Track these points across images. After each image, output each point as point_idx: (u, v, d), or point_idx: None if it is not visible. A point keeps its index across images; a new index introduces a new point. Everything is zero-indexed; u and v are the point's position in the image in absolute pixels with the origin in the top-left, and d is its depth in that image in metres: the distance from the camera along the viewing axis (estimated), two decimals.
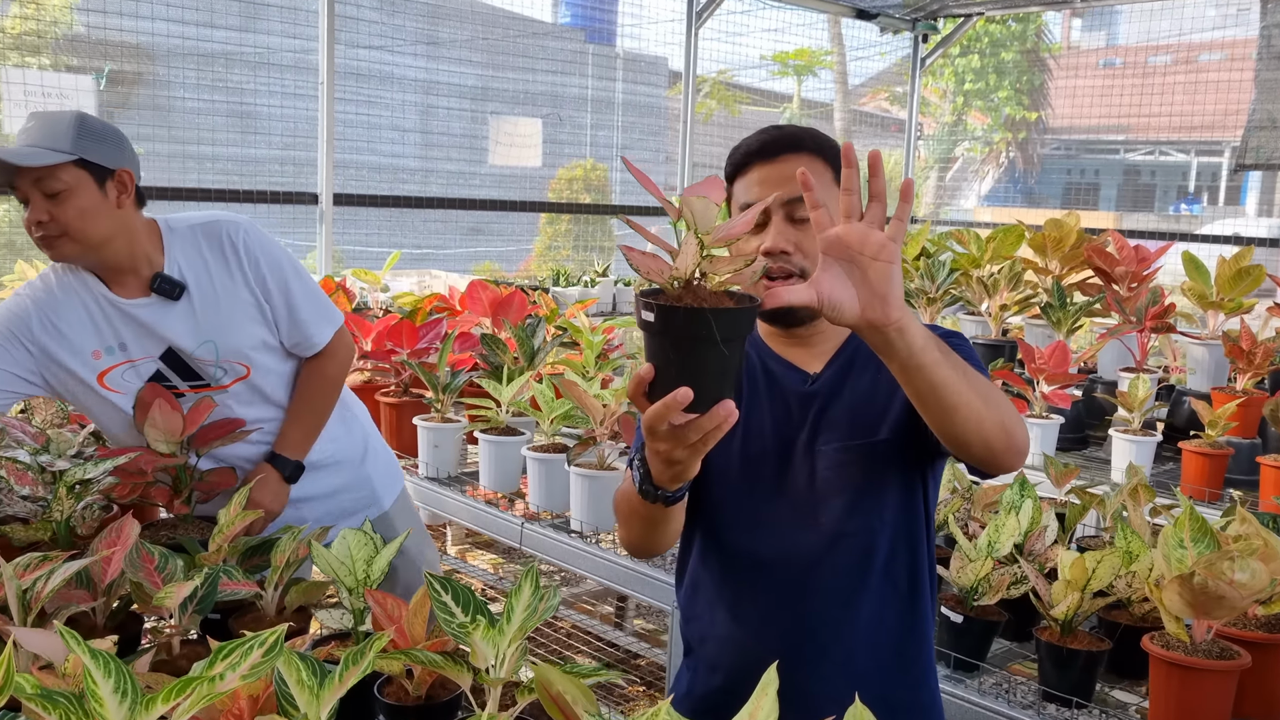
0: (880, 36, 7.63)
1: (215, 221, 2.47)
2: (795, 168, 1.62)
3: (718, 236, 1.28)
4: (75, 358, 2.36)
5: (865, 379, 1.73)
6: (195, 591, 1.78)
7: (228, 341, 2.42)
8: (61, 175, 2.28)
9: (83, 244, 2.31)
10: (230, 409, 2.46)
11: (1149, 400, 3.60)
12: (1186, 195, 21.87)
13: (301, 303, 2.50)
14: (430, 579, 1.61)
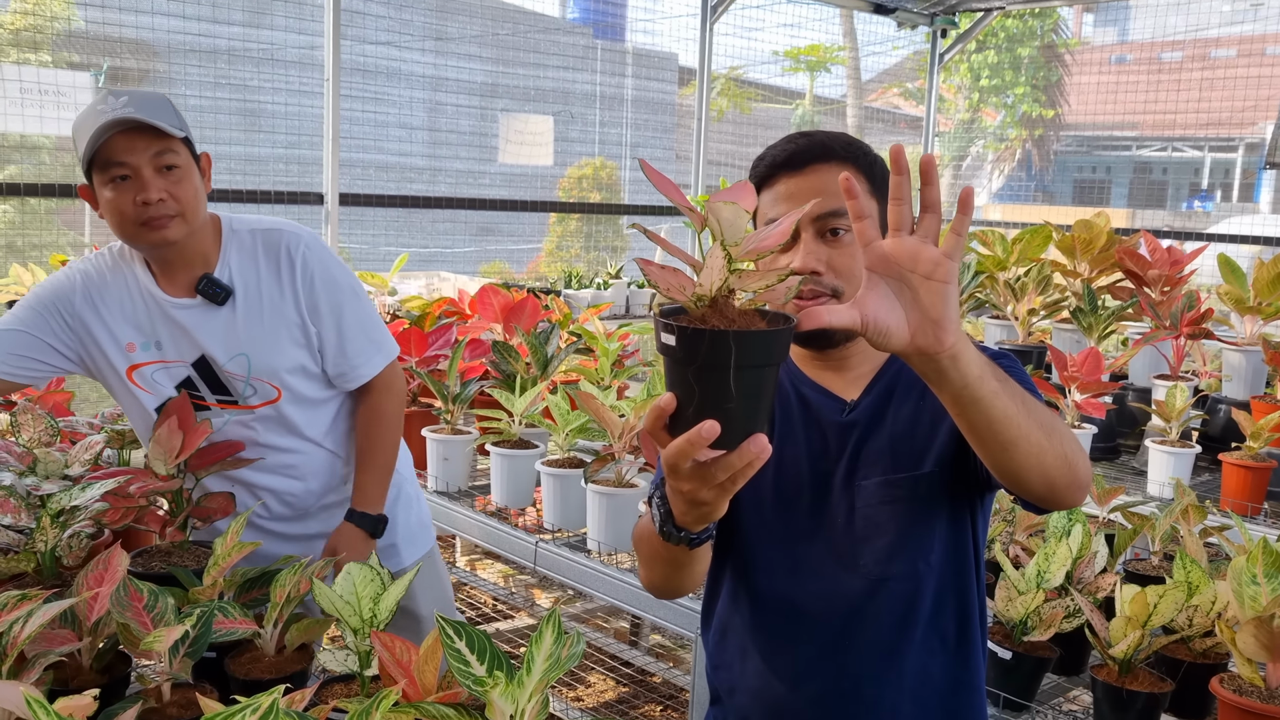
0: (896, 31, 7.47)
1: (277, 230, 2.32)
2: (825, 179, 1.52)
3: (747, 249, 1.12)
4: (111, 343, 2.25)
5: (908, 406, 1.59)
6: (187, 634, 1.64)
7: (262, 359, 2.27)
8: (179, 150, 2.16)
9: (191, 227, 2.18)
10: (256, 433, 2.30)
11: (1188, 410, 3.45)
12: (1199, 192, 21.68)
13: (352, 329, 2.34)
14: (443, 623, 1.48)
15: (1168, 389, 3.52)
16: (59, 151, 5.94)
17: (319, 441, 2.38)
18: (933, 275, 1.14)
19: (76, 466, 2.20)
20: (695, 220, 1.15)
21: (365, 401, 2.42)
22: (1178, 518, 2.44)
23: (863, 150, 1.59)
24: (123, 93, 2.14)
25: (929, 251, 1.14)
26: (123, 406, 2.36)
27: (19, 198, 4.90)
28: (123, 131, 2.09)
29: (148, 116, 2.08)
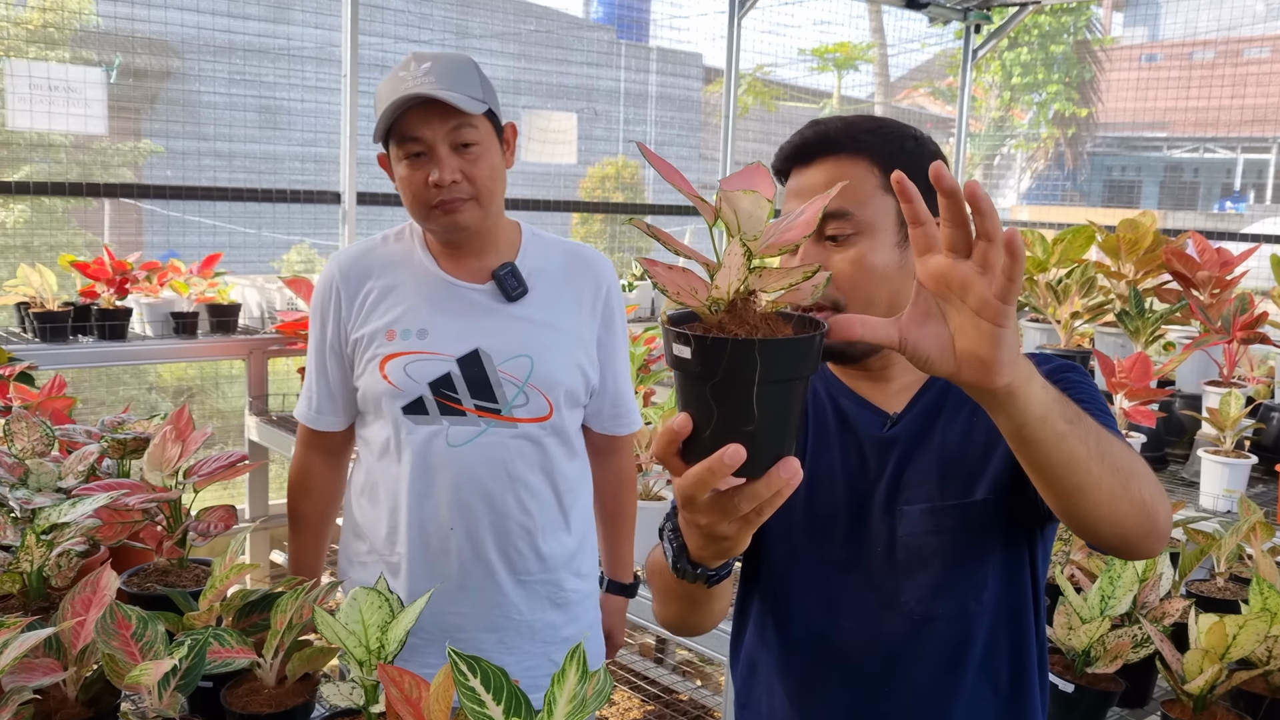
0: (927, 28, 7.30)
1: (586, 252, 2.24)
2: (832, 174, 1.37)
3: (769, 243, 0.96)
4: (376, 324, 2.11)
5: (959, 422, 1.43)
6: (178, 666, 1.51)
7: (548, 364, 2.10)
8: (479, 125, 2.03)
9: (486, 210, 2.06)
10: (509, 457, 2.08)
11: (1242, 419, 3.28)
12: (1232, 193, 21.34)
13: (624, 375, 2.25)
14: (455, 657, 1.33)
15: (1221, 396, 3.34)
16: (75, 150, 5.85)
17: (558, 487, 2.16)
18: (982, 313, 0.97)
19: (71, 478, 2.07)
20: (706, 212, 0.98)
21: (615, 461, 2.31)
22: (1245, 536, 2.27)
23: (879, 139, 1.39)
24: (426, 57, 2.02)
25: (980, 288, 0.96)
26: (367, 426, 2.19)
27: (34, 196, 4.80)
28: (420, 104, 1.98)
29: (448, 89, 1.96)
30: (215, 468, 1.99)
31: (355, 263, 2.16)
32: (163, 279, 3.65)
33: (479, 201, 2.03)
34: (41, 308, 3.43)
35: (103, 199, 5.72)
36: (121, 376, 5.53)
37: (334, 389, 2.20)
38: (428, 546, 2.11)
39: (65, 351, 3.41)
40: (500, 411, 2.08)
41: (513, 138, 2.13)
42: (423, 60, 2.00)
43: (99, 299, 3.49)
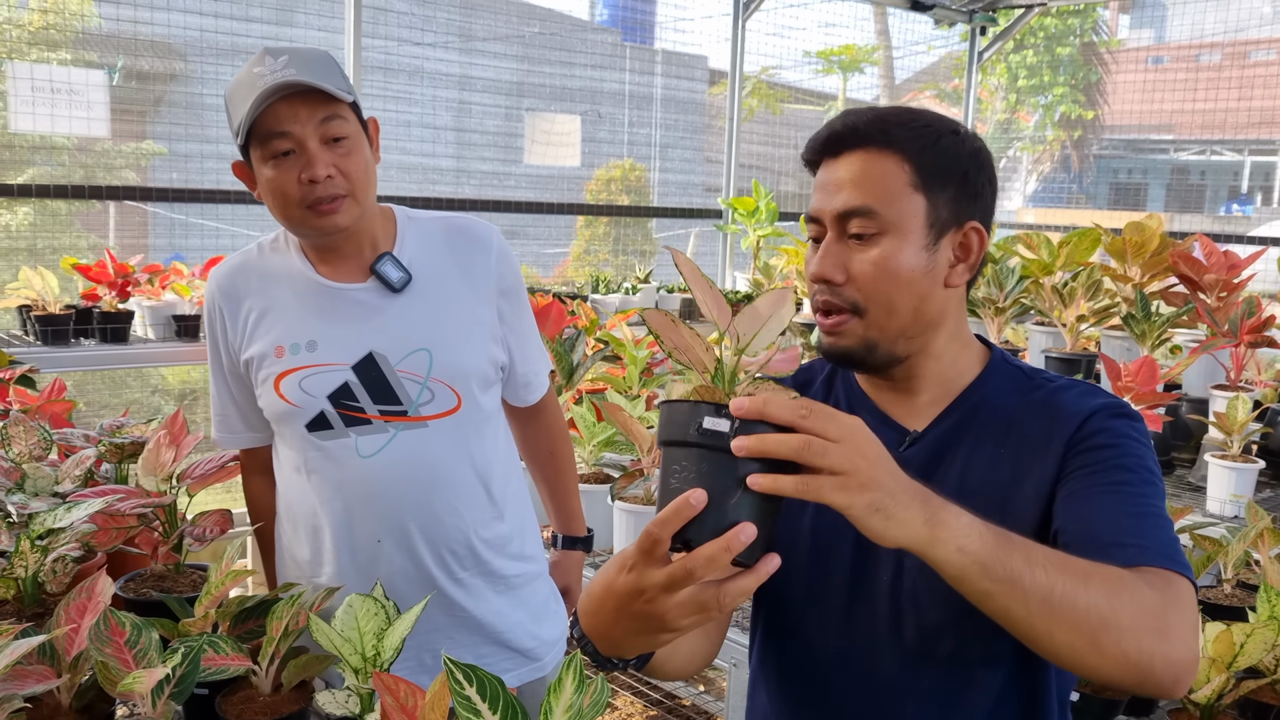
0: (932, 30, 7.28)
1: (464, 223, 2.07)
2: (857, 168, 1.30)
3: (760, 362, 1.10)
4: (260, 345, 1.99)
5: (985, 449, 1.33)
6: (172, 674, 1.49)
7: (449, 355, 1.97)
8: (348, 118, 1.88)
9: (363, 207, 1.92)
10: (429, 456, 1.97)
11: (1249, 423, 3.26)
12: (1239, 195, 21.27)
13: (532, 334, 2.16)
14: (450, 665, 1.32)
15: (1228, 400, 3.32)
16: (79, 152, 5.85)
17: (484, 475, 2.05)
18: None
19: (68, 483, 2.05)
20: (723, 320, 1.08)
21: (542, 420, 2.25)
22: (1253, 542, 2.25)
23: (911, 132, 1.31)
24: (281, 50, 1.86)
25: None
26: (277, 446, 2.09)
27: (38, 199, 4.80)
28: (284, 98, 1.83)
29: (312, 78, 1.81)
30: (208, 470, 1.98)
31: (232, 280, 2.04)
32: (164, 282, 3.64)
33: (355, 198, 1.90)
34: (43, 310, 3.42)
35: (106, 201, 5.72)
36: (125, 379, 5.52)
37: (242, 407, 2.09)
38: (356, 563, 2.00)
39: (67, 354, 3.40)
40: (407, 413, 1.96)
41: (376, 134, 1.98)
42: (279, 54, 1.85)
43: (101, 302, 3.48)
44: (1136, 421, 1.31)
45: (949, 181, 1.32)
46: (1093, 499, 1.24)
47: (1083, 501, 1.24)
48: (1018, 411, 1.35)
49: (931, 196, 1.31)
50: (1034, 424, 1.33)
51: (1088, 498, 1.24)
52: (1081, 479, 1.26)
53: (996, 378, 1.39)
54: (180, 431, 1.99)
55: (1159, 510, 1.22)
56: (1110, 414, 1.30)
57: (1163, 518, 1.22)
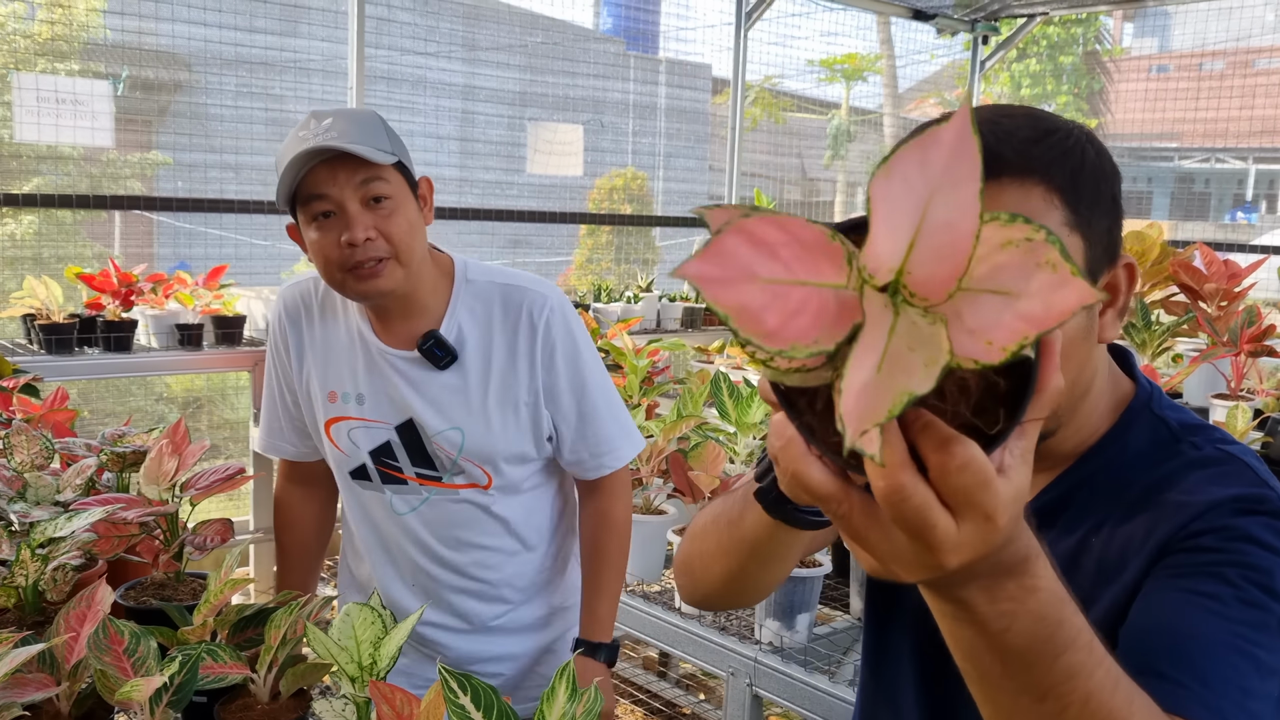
0: (935, 39, 7.30)
1: (520, 288, 2.01)
2: (998, 200, 1.00)
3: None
4: (317, 385, 2.06)
5: (1071, 538, 1.12)
6: (170, 682, 1.50)
7: (480, 437, 1.99)
8: (389, 178, 1.88)
9: (408, 269, 1.90)
10: (452, 522, 2.06)
11: (1249, 432, 3.26)
12: (1243, 203, 21.25)
13: (600, 407, 2.04)
14: (445, 674, 1.34)
15: (1228, 409, 3.33)
16: (85, 162, 5.88)
17: (526, 540, 2.10)
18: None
19: (69, 491, 2.07)
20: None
21: (595, 504, 2.09)
22: None
23: (1056, 149, 1.03)
24: (327, 113, 1.87)
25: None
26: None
27: (43, 209, 4.82)
28: (324, 161, 1.84)
29: (352, 142, 1.81)
30: (213, 480, 1.99)
31: (297, 306, 2.10)
32: (168, 291, 3.66)
33: (399, 260, 1.88)
34: (47, 319, 3.44)
35: (112, 211, 5.75)
36: (130, 388, 5.55)
37: (294, 420, 2.17)
38: (390, 595, 2.14)
39: (70, 363, 3.42)
40: (441, 479, 2.03)
41: (429, 192, 1.98)
42: (323, 117, 1.87)
43: (104, 311, 3.50)
44: (1260, 568, 0.97)
45: (1103, 210, 1.06)
46: (1157, 604, 0.99)
47: (1146, 605, 0.99)
48: (1134, 485, 1.10)
49: (1089, 235, 1.04)
50: (1143, 508, 1.08)
51: (1153, 601, 0.99)
52: (1160, 580, 1.01)
53: (1131, 434, 1.14)
54: (182, 441, 2.00)
55: (1251, 652, 0.92)
56: (1238, 508, 1.01)
57: (1254, 663, 0.91)
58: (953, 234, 0.61)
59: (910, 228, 0.62)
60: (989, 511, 0.64)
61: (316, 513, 2.26)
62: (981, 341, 0.61)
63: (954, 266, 0.61)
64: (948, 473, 0.63)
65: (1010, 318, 0.61)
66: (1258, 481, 1.04)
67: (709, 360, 4.42)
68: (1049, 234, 0.62)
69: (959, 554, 0.65)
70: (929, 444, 0.63)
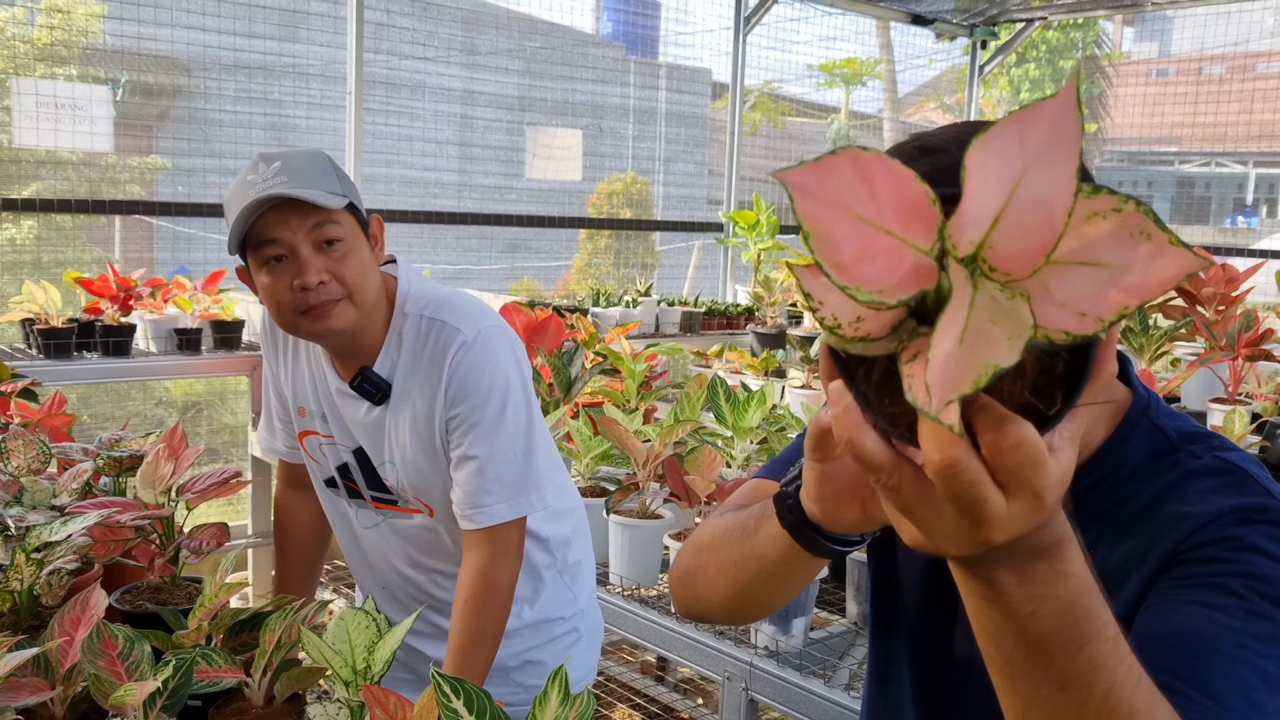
0: (934, 44, 7.31)
1: (441, 323, 1.96)
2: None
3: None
4: (291, 396, 2.12)
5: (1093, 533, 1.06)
6: (164, 686, 1.51)
7: (411, 474, 2.00)
8: (341, 220, 1.87)
9: (360, 310, 1.90)
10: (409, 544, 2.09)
11: (1246, 436, 3.26)
12: (1244, 207, 21.25)
13: (492, 455, 1.92)
14: (438, 679, 1.34)
15: (1225, 413, 3.33)
16: (85, 167, 5.89)
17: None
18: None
19: (65, 496, 2.07)
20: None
21: (474, 561, 1.95)
22: None
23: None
24: (274, 157, 1.85)
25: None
26: None
27: (43, 214, 4.83)
28: (275, 206, 1.83)
29: (301, 187, 1.80)
30: (209, 485, 1.99)
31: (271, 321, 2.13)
32: (166, 295, 3.67)
33: (352, 301, 1.88)
34: (46, 324, 3.44)
35: (112, 216, 5.76)
36: (130, 392, 5.55)
37: (284, 420, 2.22)
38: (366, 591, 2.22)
39: (69, 368, 3.42)
40: (396, 503, 2.07)
41: (380, 231, 1.97)
42: (271, 160, 1.85)
43: (103, 315, 3.50)
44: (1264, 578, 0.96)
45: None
46: (1161, 617, 0.97)
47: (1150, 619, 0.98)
48: (1133, 498, 1.08)
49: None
50: (1144, 521, 1.06)
51: (1157, 614, 0.97)
52: (1164, 593, 0.99)
53: (1129, 445, 1.12)
54: (179, 445, 2.01)
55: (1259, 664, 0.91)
56: (1240, 518, 1.00)
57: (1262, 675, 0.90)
58: (1043, 211, 0.61)
59: (998, 202, 0.62)
60: (1038, 490, 0.66)
61: (315, 516, 2.28)
62: (1074, 314, 0.62)
63: (1040, 244, 0.61)
64: (1001, 451, 0.64)
65: (1107, 289, 0.62)
66: (1260, 490, 1.03)
67: (707, 364, 4.42)
68: (1139, 203, 0.62)
69: (1006, 530, 0.67)
70: (985, 422, 0.64)
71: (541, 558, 2.17)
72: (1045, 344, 0.62)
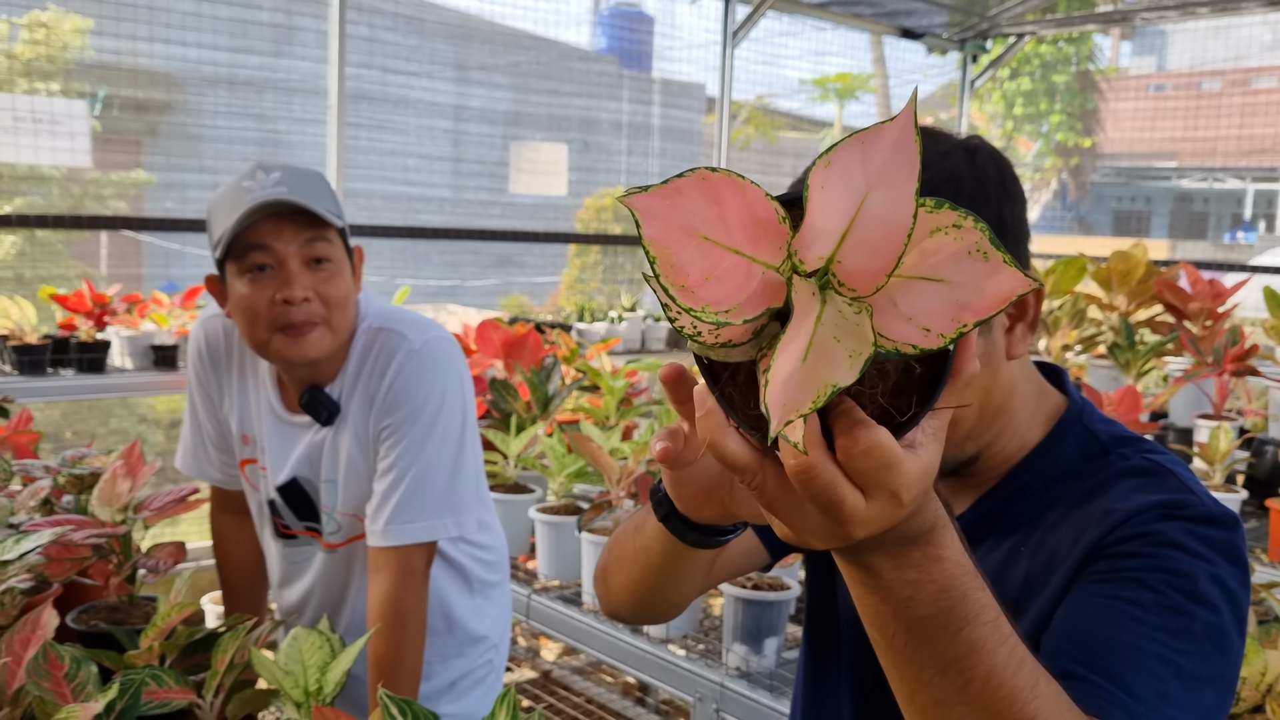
0: (926, 58, 7.29)
1: (389, 330, 1.90)
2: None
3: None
4: (236, 422, 2.05)
5: (1000, 550, 1.12)
6: (111, 706, 1.47)
7: (350, 489, 1.93)
8: (334, 241, 1.81)
9: (336, 339, 1.84)
10: (340, 576, 2.03)
11: (1232, 452, 3.23)
12: (1242, 223, 21.26)
13: (414, 473, 1.84)
14: (386, 702, 1.31)
15: (1210, 429, 3.30)
16: (68, 182, 5.87)
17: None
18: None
19: (23, 514, 2.04)
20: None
21: (382, 585, 1.85)
22: None
23: (972, 178, 1.06)
24: (274, 166, 1.80)
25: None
26: None
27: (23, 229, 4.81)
28: (270, 215, 1.77)
29: (303, 198, 1.75)
30: (166, 502, 1.96)
31: (218, 340, 2.05)
32: (143, 311, 3.64)
33: (330, 326, 1.82)
34: (20, 341, 3.41)
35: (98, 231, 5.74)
36: (114, 408, 5.52)
37: (215, 443, 2.14)
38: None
39: (43, 385, 3.39)
40: (323, 536, 2.02)
41: (360, 264, 1.92)
42: (270, 169, 1.80)
43: (77, 331, 3.47)
44: (1209, 529, 0.99)
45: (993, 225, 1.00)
46: (1079, 609, 0.99)
47: (1069, 611, 1.00)
48: (1063, 498, 1.10)
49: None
50: (1071, 518, 1.08)
51: (1075, 607, 0.99)
52: (1084, 586, 1.01)
53: (1062, 447, 1.14)
54: (137, 462, 1.98)
55: (1173, 659, 0.92)
56: (1161, 514, 1.01)
57: (1175, 669, 0.91)
58: (886, 229, 0.63)
59: (844, 219, 0.64)
60: (894, 489, 0.67)
61: (254, 539, 2.19)
62: (918, 328, 0.64)
63: (884, 261, 0.63)
64: (853, 456, 0.66)
65: (948, 305, 0.64)
66: (1181, 488, 1.05)
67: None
68: (976, 220, 0.64)
69: (868, 526, 0.69)
70: (840, 427, 0.66)
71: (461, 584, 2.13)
72: (895, 355, 0.64)
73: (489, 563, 2.15)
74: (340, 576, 2.06)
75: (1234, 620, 0.96)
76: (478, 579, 2.12)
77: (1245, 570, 0.99)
